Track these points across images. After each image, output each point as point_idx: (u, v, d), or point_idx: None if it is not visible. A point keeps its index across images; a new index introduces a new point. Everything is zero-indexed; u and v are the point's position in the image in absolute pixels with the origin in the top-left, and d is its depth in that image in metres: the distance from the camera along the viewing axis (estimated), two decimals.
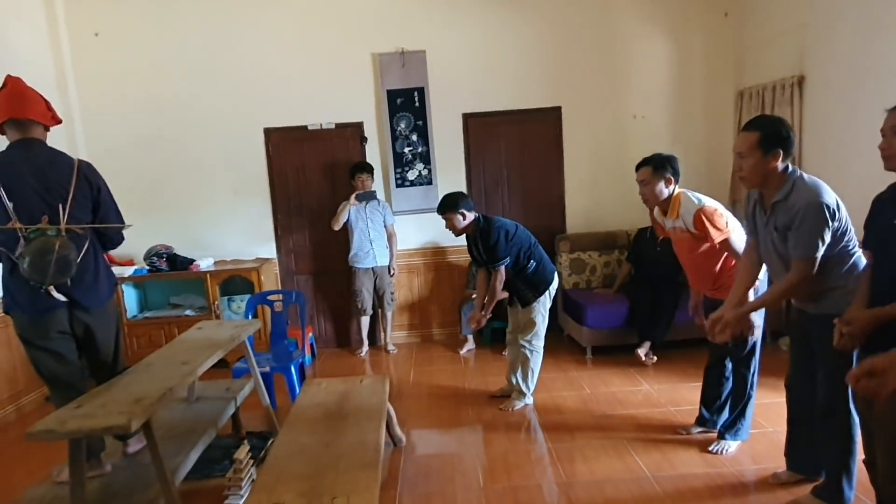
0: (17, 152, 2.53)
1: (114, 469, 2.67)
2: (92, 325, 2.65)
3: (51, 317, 2.53)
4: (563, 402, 4.23)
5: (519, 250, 3.97)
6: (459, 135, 5.73)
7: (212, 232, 5.68)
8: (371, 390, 3.53)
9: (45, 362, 2.58)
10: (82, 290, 2.58)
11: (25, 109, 2.51)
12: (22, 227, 2.41)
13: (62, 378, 2.60)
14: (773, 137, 2.51)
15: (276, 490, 2.42)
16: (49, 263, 2.38)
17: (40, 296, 2.48)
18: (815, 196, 2.45)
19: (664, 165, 3.32)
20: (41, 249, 2.38)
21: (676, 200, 3.33)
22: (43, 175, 2.52)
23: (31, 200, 2.47)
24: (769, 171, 2.54)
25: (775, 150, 2.51)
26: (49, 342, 2.56)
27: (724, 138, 5.75)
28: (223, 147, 5.60)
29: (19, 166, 2.49)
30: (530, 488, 3.17)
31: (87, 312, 2.63)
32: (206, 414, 3.24)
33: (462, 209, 3.94)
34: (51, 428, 2.07)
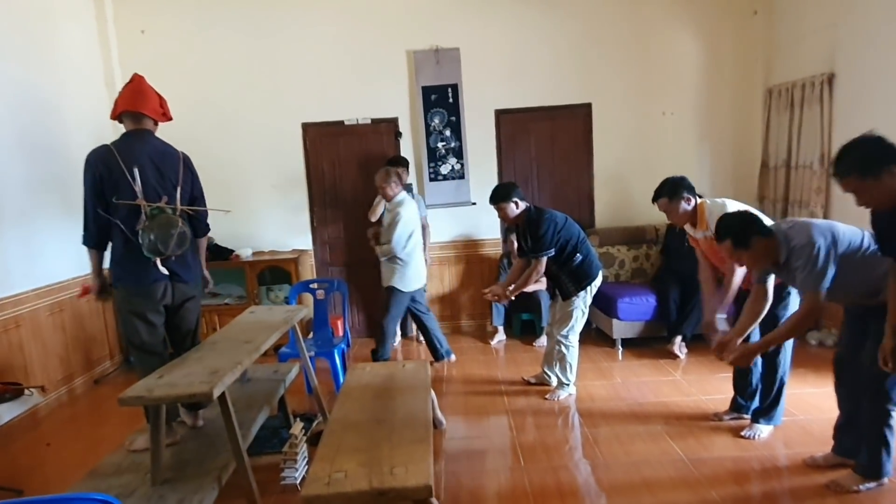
0: (133, 140, 2.82)
1: (182, 439, 2.83)
2: (187, 295, 2.94)
3: (157, 288, 2.81)
4: (595, 391, 4.35)
5: (566, 242, 4.03)
6: (491, 130, 5.87)
7: (251, 224, 5.86)
8: (414, 373, 3.67)
9: (140, 330, 2.82)
10: (184, 266, 2.88)
11: (140, 104, 2.83)
12: (146, 205, 2.71)
13: (150, 346, 2.84)
14: (741, 236, 2.79)
15: (337, 460, 2.57)
16: (172, 236, 2.70)
17: (149, 269, 2.75)
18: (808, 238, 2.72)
19: (677, 191, 3.47)
20: (168, 223, 2.71)
21: (702, 212, 3.44)
22: (157, 162, 2.82)
23: (150, 183, 2.77)
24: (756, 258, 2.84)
25: (751, 240, 2.78)
26: (150, 312, 2.82)
27: (753, 135, 5.83)
28: (262, 141, 5.78)
29: (140, 153, 2.78)
30: (569, 468, 3.30)
31: (186, 285, 2.93)
32: (259, 393, 3.39)
33: (514, 198, 4.05)
34: (140, 395, 2.24)
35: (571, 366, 4.23)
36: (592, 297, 4.21)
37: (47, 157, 4.65)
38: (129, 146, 2.78)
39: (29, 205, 4.46)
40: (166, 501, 2.28)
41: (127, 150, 2.76)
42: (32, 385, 3.25)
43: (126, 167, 2.70)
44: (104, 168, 2.71)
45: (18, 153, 4.39)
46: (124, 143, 2.80)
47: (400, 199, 4.68)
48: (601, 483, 3.14)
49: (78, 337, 4.94)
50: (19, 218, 4.36)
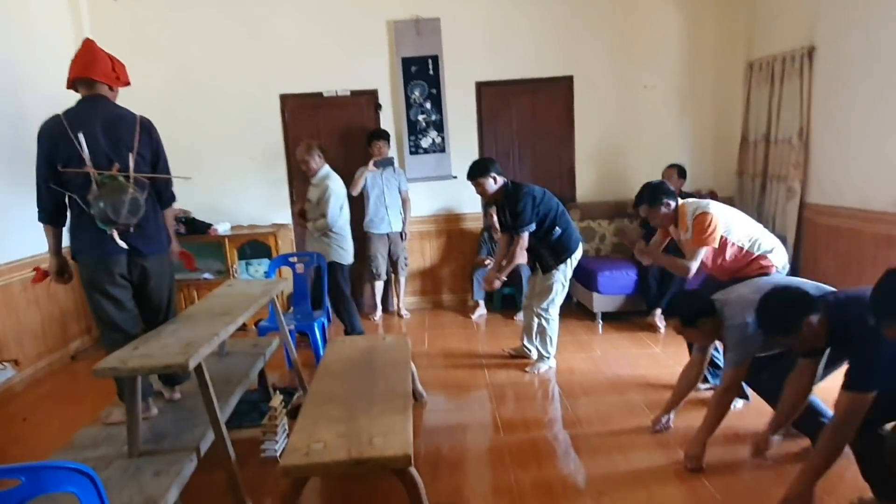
0: (86, 107, 2.70)
1: (159, 412, 2.81)
2: (148, 270, 2.81)
3: (115, 261, 2.69)
4: (575, 364, 4.38)
5: (545, 216, 4.03)
6: (472, 103, 5.81)
7: (229, 197, 5.78)
8: (394, 346, 3.67)
9: (105, 307, 2.72)
10: (142, 238, 2.75)
11: (90, 69, 2.69)
12: (96, 172, 2.59)
13: (118, 323, 2.74)
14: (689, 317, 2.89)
15: (316, 431, 2.57)
16: (123, 204, 2.57)
17: (105, 240, 2.64)
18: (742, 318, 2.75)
19: (656, 196, 3.47)
20: (116, 190, 2.57)
21: (682, 214, 3.46)
22: (110, 128, 2.69)
23: (101, 150, 2.64)
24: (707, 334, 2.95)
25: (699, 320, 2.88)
26: (112, 287, 2.71)
27: (733, 110, 5.84)
28: (240, 113, 5.68)
29: (90, 119, 2.66)
30: (548, 438, 3.34)
31: (145, 259, 2.79)
32: (238, 367, 3.37)
33: (493, 173, 4.02)
34: (114, 366, 2.21)
35: (552, 339, 4.25)
36: (573, 270, 4.22)
37: (18, 130, 4.52)
38: (79, 114, 2.67)
39: (0, 178, 4.35)
40: (143, 473, 2.26)
41: (77, 117, 2.65)
42: (6, 359, 3.19)
43: (74, 134, 2.59)
44: (53, 139, 2.61)
45: None
46: (75, 111, 2.68)
47: (325, 173, 4.68)
48: (579, 451, 3.18)
49: (52, 312, 4.86)
50: None
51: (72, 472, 1.47)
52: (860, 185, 4.50)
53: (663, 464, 2.98)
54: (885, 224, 4.27)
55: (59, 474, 1.47)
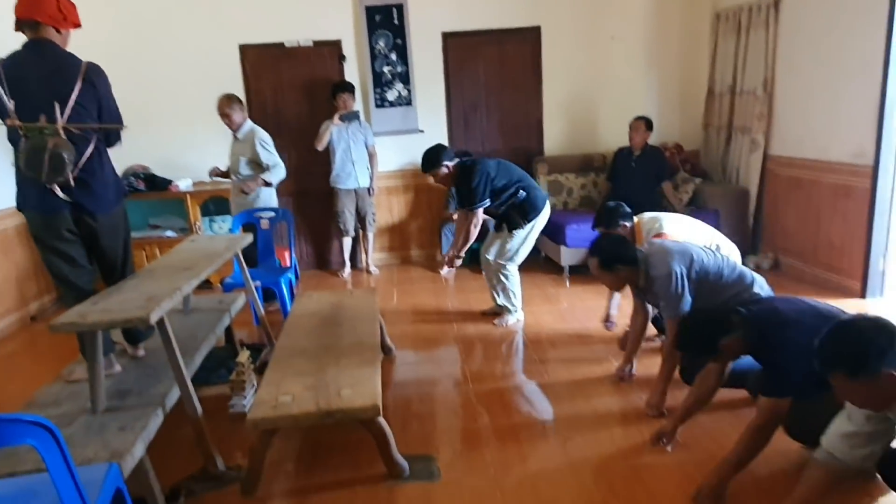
0: (27, 52, 2.54)
1: (123, 370, 2.76)
2: (97, 230, 2.69)
3: (59, 216, 2.58)
4: (542, 317, 4.43)
5: (504, 187, 4.04)
6: (439, 55, 5.69)
7: (190, 153, 5.61)
8: (362, 300, 3.67)
9: (56, 263, 2.63)
10: (87, 194, 2.61)
11: (34, 10, 2.51)
12: (20, 125, 2.43)
13: (72, 280, 2.66)
14: (608, 260, 3.01)
15: (283, 384, 2.57)
16: (42, 161, 2.39)
17: (47, 194, 2.52)
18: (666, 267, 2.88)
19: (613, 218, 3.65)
20: (35, 147, 2.41)
21: (639, 230, 3.62)
22: (48, 76, 2.52)
23: (32, 100, 2.47)
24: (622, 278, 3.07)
25: (617, 266, 3.00)
26: (60, 243, 2.61)
27: (700, 61, 5.83)
28: (198, 65, 5.47)
29: (27, 66, 2.50)
30: (516, 388, 3.40)
31: (93, 218, 2.66)
32: (204, 323, 3.33)
33: (444, 162, 4.03)
34: (73, 321, 2.15)
35: (514, 293, 4.29)
36: (539, 231, 4.26)
37: None
38: (18, 60, 2.51)
39: None
40: (107, 429, 2.23)
41: (14, 64, 2.49)
42: None
43: (7, 83, 2.43)
44: None
45: None
46: (14, 58, 2.52)
47: (250, 126, 4.61)
48: (545, 399, 3.25)
49: (8, 273, 4.72)
50: None
51: (30, 425, 1.44)
52: (821, 137, 4.56)
53: (626, 408, 3.07)
54: (843, 174, 4.36)
55: (17, 427, 1.44)
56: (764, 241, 5.33)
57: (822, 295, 4.45)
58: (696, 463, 2.55)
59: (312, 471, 2.68)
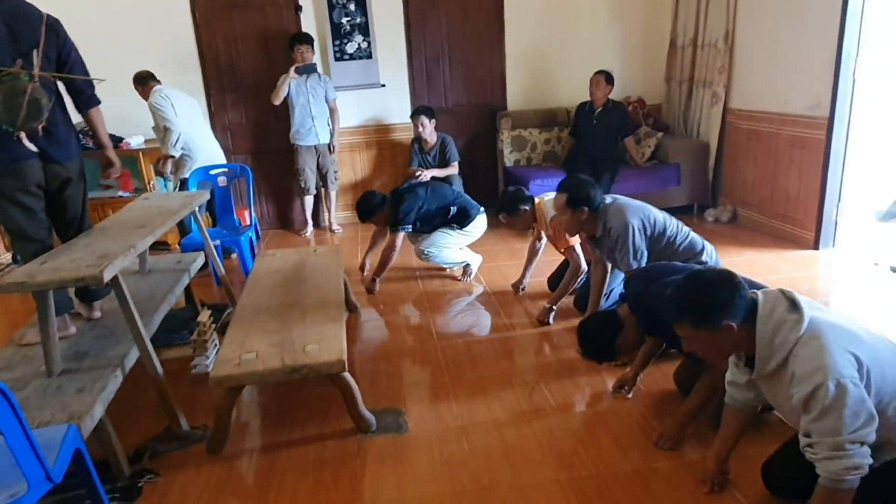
0: None
1: (78, 332, 2.68)
2: (62, 178, 2.64)
3: (26, 167, 2.49)
4: (507, 271, 4.44)
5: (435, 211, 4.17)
6: (399, 5, 5.52)
7: (139, 108, 5.31)
8: (327, 259, 3.61)
9: (15, 216, 2.53)
10: (54, 143, 2.56)
11: None
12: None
13: (29, 233, 2.56)
14: (575, 200, 2.99)
15: (248, 342, 2.53)
16: (20, 105, 2.33)
17: (12, 144, 2.42)
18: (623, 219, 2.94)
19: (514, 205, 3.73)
20: (13, 90, 2.33)
21: (540, 213, 3.70)
22: (12, 23, 2.43)
23: (2, 46, 2.38)
24: (580, 221, 3.05)
25: (580, 208, 2.99)
26: (24, 195, 2.51)
27: (663, 13, 5.78)
28: (145, 14, 5.20)
29: None
30: (481, 342, 3.42)
31: (62, 166, 2.61)
32: (162, 284, 3.24)
33: (378, 211, 4.10)
34: (21, 280, 2.06)
35: (449, 260, 4.31)
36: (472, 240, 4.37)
37: None
38: None
39: None
40: (64, 392, 2.16)
41: None
42: None
43: None
44: None
45: None
46: None
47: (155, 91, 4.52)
48: (511, 351, 3.28)
49: None
50: None
51: None
52: (780, 90, 4.61)
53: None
54: (800, 126, 4.43)
55: None
56: (723, 194, 5.41)
57: (778, 246, 4.58)
58: (657, 409, 2.62)
59: (280, 428, 2.66)
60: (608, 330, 2.51)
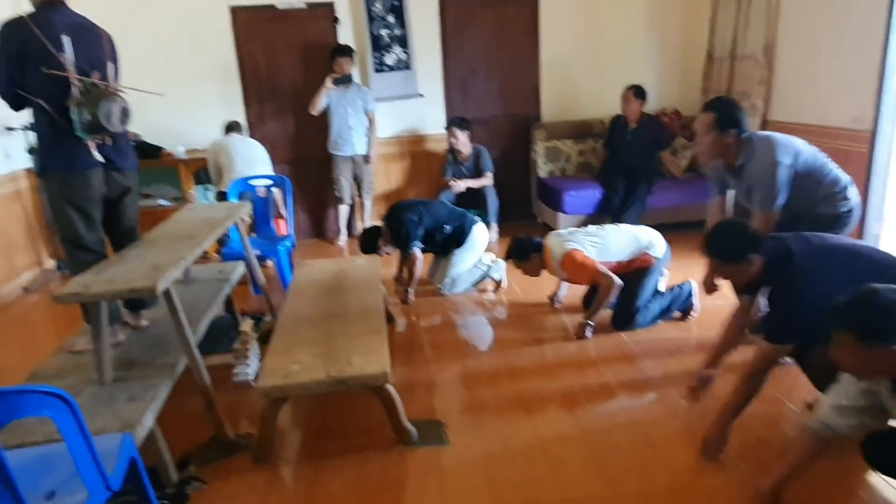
0: (49, 12, 2.49)
1: (126, 340, 2.73)
2: (125, 186, 2.74)
3: (93, 175, 2.57)
4: (541, 282, 4.39)
5: (433, 229, 4.19)
6: (436, 18, 5.57)
7: (181, 119, 5.48)
8: (365, 269, 3.64)
9: (76, 224, 2.59)
10: (119, 152, 2.66)
11: None
12: (78, 78, 2.44)
13: (86, 242, 2.63)
14: (726, 117, 2.80)
15: (293, 353, 2.56)
16: (113, 112, 2.46)
17: (82, 152, 2.51)
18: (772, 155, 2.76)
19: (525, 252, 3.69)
20: (106, 97, 2.46)
21: (548, 255, 3.63)
22: (80, 36, 2.53)
23: (78, 57, 2.48)
24: (725, 145, 2.84)
25: (728, 129, 2.80)
26: (86, 202, 2.59)
27: (700, 25, 5.73)
28: (188, 27, 5.31)
29: (58, 25, 2.47)
30: (521, 354, 3.40)
31: (123, 175, 2.71)
32: (205, 293, 3.28)
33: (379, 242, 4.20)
34: (77, 291, 2.11)
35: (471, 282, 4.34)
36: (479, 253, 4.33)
37: None
38: (46, 18, 2.46)
39: None
40: (116, 400, 2.21)
41: (46, 22, 2.44)
42: None
43: (48, 39, 2.40)
44: (21, 41, 2.40)
45: None
46: (41, 16, 2.46)
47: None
48: (550, 365, 3.25)
49: None
50: None
51: (48, 396, 1.43)
52: (821, 102, 4.53)
53: (633, 376, 3.10)
54: (842, 139, 4.34)
55: (35, 398, 1.42)
56: None
57: None
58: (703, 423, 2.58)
59: (322, 437, 2.69)
60: (752, 240, 2.30)
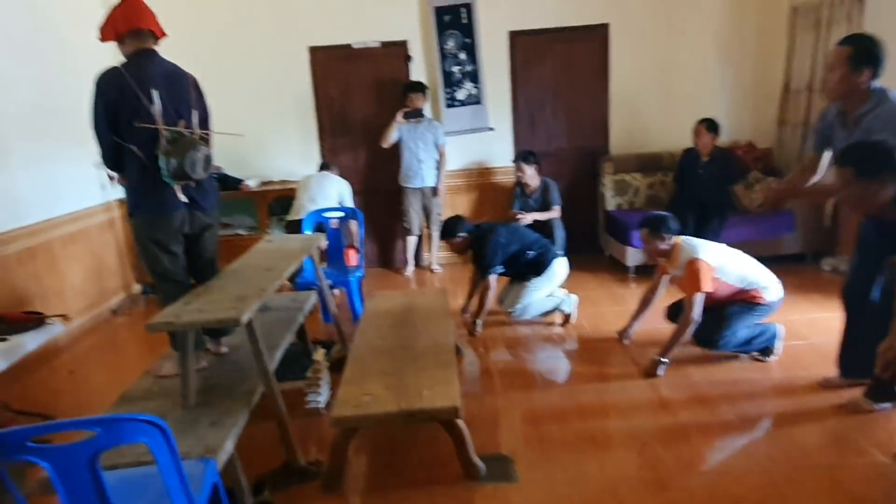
0: (143, 62, 2.65)
1: (208, 366, 2.86)
2: (206, 223, 2.87)
3: (177, 216, 2.72)
4: (611, 317, 4.36)
5: (518, 253, 4.21)
6: (505, 54, 5.67)
7: (258, 152, 5.75)
8: (433, 301, 3.69)
9: (162, 260, 2.75)
10: (202, 193, 2.79)
11: (147, 20, 2.65)
12: (165, 128, 2.59)
13: (172, 274, 2.78)
14: (863, 54, 2.66)
15: (364, 384, 2.61)
16: (198, 160, 2.60)
17: (168, 195, 2.66)
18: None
19: (659, 229, 3.55)
20: (190, 146, 2.59)
21: (676, 252, 3.52)
22: (170, 84, 2.68)
23: (166, 106, 2.63)
24: (854, 85, 2.69)
25: (863, 67, 2.66)
26: (171, 241, 2.73)
27: (776, 57, 5.62)
28: (268, 66, 5.61)
29: (151, 74, 2.62)
30: (588, 391, 3.35)
31: (205, 213, 2.83)
32: (280, 321, 3.40)
33: (459, 233, 4.27)
34: (169, 320, 2.24)
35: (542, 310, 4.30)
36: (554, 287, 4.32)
37: (50, 85, 4.52)
38: (140, 68, 2.62)
39: (36, 133, 4.36)
40: (200, 424, 2.31)
41: (139, 72, 2.61)
42: (54, 315, 3.25)
43: (140, 90, 2.57)
44: (116, 92, 2.56)
45: (22, 79, 4.26)
46: (135, 66, 2.63)
47: None
48: (620, 404, 3.19)
49: (93, 268, 4.94)
50: (27, 147, 4.26)
51: (144, 424, 1.51)
52: None
53: (705, 419, 2.99)
54: None
55: (133, 426, 1.50)
56: (842, 243, 5.11)
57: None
58: (785, 473, 2.48)
59: (389, 468, 2.72)
60: (890, 158, 2.39)
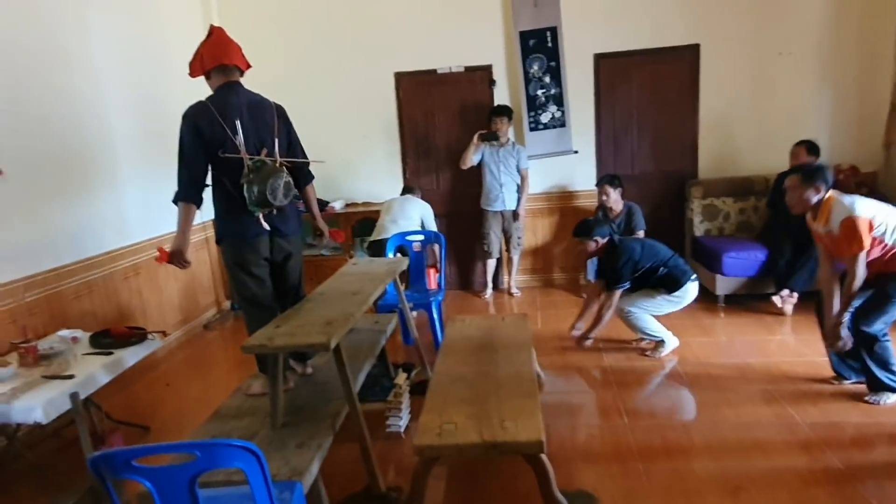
0: (228, 94, 2.79)
1: (295, 387, 2.93)
2: (288, 249, 2.95)
3: (259, 242, 2.81)
4: (699, 349, 4.19)
5: (649, 268, 4.08)
6: (590, 76, 5.61)
7: (343, 175, 5.91)
8: (515, 327, 3.65)
9: (249, 285, 2.85)
10: (283, 220, 2.87)
11: (232, 55, 2.79)
12: (248, 158, 2.71)
13: (260, 298, 2.88)
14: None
15: (446, 412, 2.59)
16: (279, 187, 2.68)
17: (251, 222, 2.76)
18: None
19: (813, 178, 3.25)
20: (272, 174, 2.68)
21: (827, 208, 3.24)
22: (254, 114, 2.80)
23: (249, 136, 2.75)
24: None
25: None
26: (256, 267, 2.84)
27: (881, 76, 5.29)
28: (355, 92, 5.78)
29: (236, 106, 2.76)
30: (676, 427, 3.21)
31: (286, 240, 2.92)
32: (363, 343, 3.46)
33: (595, 237, 4.12)
34: (262, 343, 2.31)
35: (648, 328, 4.12)
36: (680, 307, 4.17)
37: (155, 111, 4.82)
38: (224, 100, 2.74)
39: (141, 158, 4.66)
40: (287, 445, 2.37)
41: (223, 104, 2.73)
42: (154, 330, 3.44)
43: (224, 121, 2.68)
44: (204, 123, 2.68)
45: (131, 106, 4.59)
46: (220, 98, 2.76)
47: None
48: (710, 443, 3.03)
49: (188, 284, 5.21)
50: (134, 170, 4.57)
51: (240, 450, 1.55)
52: None
53: (807, 465, 2.79)
54: None
55: (230, 451, 1.55)
56: None
57: None
58: None
59: (469, 500, 2.69)
60: None
